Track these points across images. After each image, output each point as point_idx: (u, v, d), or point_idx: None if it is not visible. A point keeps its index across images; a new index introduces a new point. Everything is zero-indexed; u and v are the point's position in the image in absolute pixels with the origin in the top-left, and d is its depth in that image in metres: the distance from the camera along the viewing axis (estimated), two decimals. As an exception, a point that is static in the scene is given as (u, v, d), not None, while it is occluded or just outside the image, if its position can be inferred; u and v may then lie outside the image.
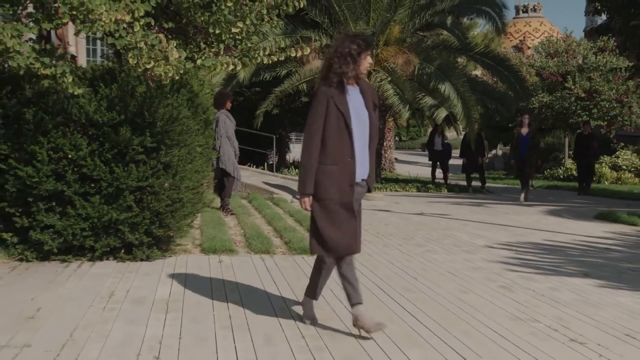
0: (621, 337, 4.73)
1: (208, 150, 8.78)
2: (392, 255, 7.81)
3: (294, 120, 27.01)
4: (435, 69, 18.79)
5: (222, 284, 5.94)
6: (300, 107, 25.15)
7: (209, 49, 6.58)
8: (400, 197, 16.73)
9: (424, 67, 19.06)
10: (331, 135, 4.41)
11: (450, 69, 19.01)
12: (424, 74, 19.21)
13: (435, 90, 19.19)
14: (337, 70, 4.46)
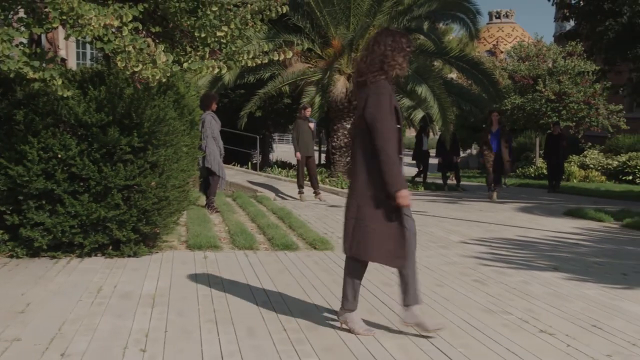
0: (588, 327, 4.76)
1: (194, 150, 8.74)
2: (371, 251, 7.82)
3: (277, 121, 26.97)
4: (412, 71, 18.82)
5: (207, 279, 5.91)
6: (282, 108, 25.13)
7: (195, 53, 6.55)
8: (379, 195, 16.74)
9: (402, 70, 19.09)
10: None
11: (427, 72, 19.06)
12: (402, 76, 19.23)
13: (413, 92, 19.25)
14: (396, 65, 4.19)
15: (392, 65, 4.19)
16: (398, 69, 4.21)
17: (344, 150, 20.11)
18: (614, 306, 5.45)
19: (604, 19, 17.53)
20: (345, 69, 19.56)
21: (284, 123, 27.57)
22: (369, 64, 4.19)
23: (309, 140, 14.34)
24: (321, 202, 14.08)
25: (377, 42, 4.22)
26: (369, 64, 4.19)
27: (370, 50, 4.21)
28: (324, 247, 7.77)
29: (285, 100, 24.33)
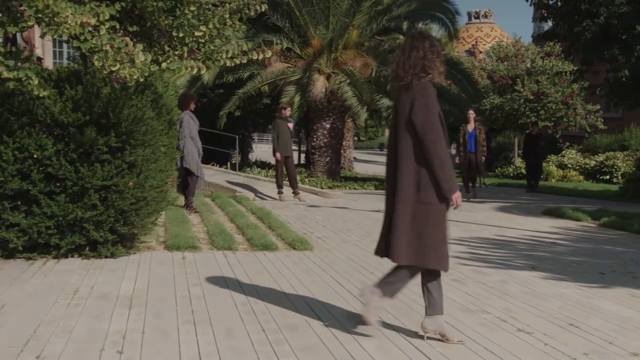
0: (565, 326, 4.80)
1: (172, 150, 8.71)
2: (351, 251, 7.84)
3: (256, 121, 26.92)
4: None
5: (185, 280, 5.89)
6: (262, 108, 25.10)
7: (173, 52, 6.53)
8: (359, 195, 16.79)
9: (381, 70, 19.16)
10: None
11: (406, 72, 19.10)
12: (381, 76, 19.31)
13: (392, 93, 19.28)
14: (435, 68, 4.19)
15: (432, 68, 4.20)
16: (437, 72, 4.23)
17: (323, 150, 20.13)
18: (591, 305, 5.51)
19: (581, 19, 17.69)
20: (324, 69, 19.58)
21: (263, 123, 27.54)
22: (409, 67, 4.18)
23: (288, 140, 14.34)
24: (300, 202, 14.08)
25: (415, 47, 4.24)
26: (408, 68, 4.18)
27: (407, 56, 4.22)
28: (303, 247, 7.78)
29: (265, 100, 24.30)
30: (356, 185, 19.57)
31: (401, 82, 4.19)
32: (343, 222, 10.59)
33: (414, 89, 4.12)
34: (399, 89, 4.21)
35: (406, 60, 4.20)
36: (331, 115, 20.17)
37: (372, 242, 8.56)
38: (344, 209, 12.89)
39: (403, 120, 4.12)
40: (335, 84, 19.16)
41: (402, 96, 4.17)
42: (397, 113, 4.20)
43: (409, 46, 4.25)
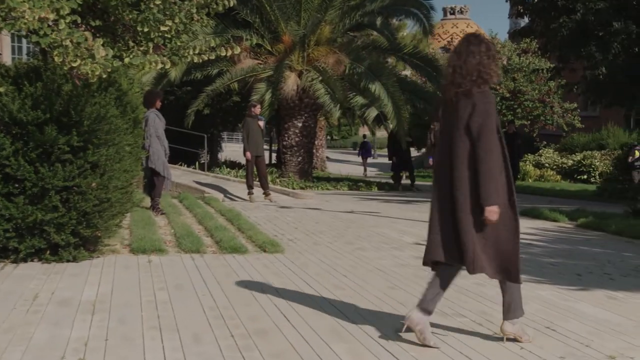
0: (542, 329, 4.85)
1: (137, 149, 8.64)
2: (323, 253, 7.84)
3: (226, 120, 26.82)
4: (365, 68, 18.94)
5: (151, 284, 5.85)
6: (231, 106, 25.01)
7: (138, 48, 6.48)
8: (331, 196, 16.81)
9: (355, 67, 19.21)
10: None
11: (380, 69, 19.19)
12: (354, 73, 19.36)
13: (366, 90, 19.37)
14: (492, 73, 4.29)
15: (489, 74, 4.28)
16: (495, 77, 4.32)
17: (295, 149, 20.13)
18: (568, 307, 5.56)
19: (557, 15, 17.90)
20: (296, 66, 19.58)
21: (233, 121, 27.43)
22: (466, 74, 4.26)
23: (258, 139, 14.32)
24: (271, 203, 14.06)
25: (472, 52, 4.30)
26: (465, 74, 4.26)
27: (463, 61, 4.29)
28: (274, 249, 7.76)
29: (234, 98, 24.23)
30: (329, 185, 19.60)
31: (459, 89, 4.26)
32: (315, 224, 10.59)
33: (475, 97, 4.21)
34: (456, 94, 4.27)
35: (463, 66, 4.28)
36: (303, 114, 20.18)
37: (345, 243, 8.59)
38: (316, 210, 12.89)
39: (462, 125, 4.22)
40: (307, 81, 19.17)
41: (461, 102, 4.25)
42: (455, 118, 4.27)
43: (466, 51, 4.33)
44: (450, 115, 4.31)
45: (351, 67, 19.32)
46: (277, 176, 19.57)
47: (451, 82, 4.31)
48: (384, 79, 18.76)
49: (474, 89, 4.22)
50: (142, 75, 16.00)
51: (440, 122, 4.42)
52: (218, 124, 26.99)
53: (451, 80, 4.31)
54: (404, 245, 8.64)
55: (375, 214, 12.45)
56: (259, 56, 20.07)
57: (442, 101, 4.42)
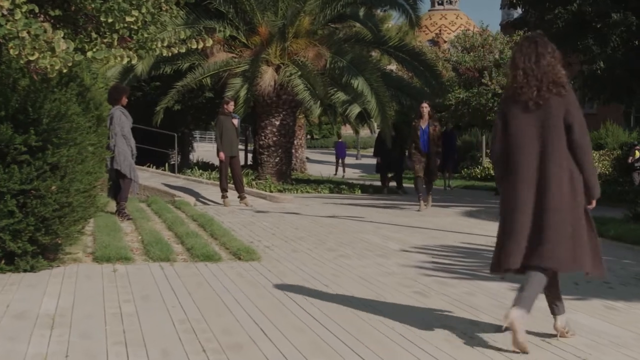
0: (537, 342, 4.86)
1: (101, 149, 8.60)
2: (302, 261, 7.83)
3: (198, 117, 26.77)
4: (347, 63, 18.97)
5: (116, 296, 5.81)
6: (204, 103, 24.96)
7: (101, 40, 6.44)
8: (312, 199, 16.81)
9: (336, 61, 19.24)
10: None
11: (363, 63, 19.24)
12: (336, 68, 19.38)
13: (348, 86, 19.40)
14: (561, 75, 4.75)
15: (562, 75, 4.76)
16: (565, 77, 4.77)
17: (272, 149, 20.12)
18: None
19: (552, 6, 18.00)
20: (273, 60, 19.57)
21: (206, 119, 27.39)
22: (541, 76, 4.71)
23: (233, 139, 14.29)
24: (247, 207, 14.04)
25: (542, 54, 4.76)
26: (542, 77, 4.71)
27: (534, 63, 4.75)
28: (249, 257, 7.75)
29: (207, 94, 24.18)
30: (309, 188, 19.60)
31: (541, 91, 4.69)
32: (294, 229, 10.59)
33: (564, 97, 4.68)
34: (540, 96, 4.69)
35: (535, 68, 4.74)
36: (281, 111, 20.17)
37: (326, 250, 8.60)
38: (295, 214, 12.89)
39: (556, 124, 4.65)
40: (285, 76, 19.17)
41: (551, 101, 4.67)
42: (543, 118, 4.68)
43: (535, 52, 4.78)
44: (532, 116, 4.72)
45: (332, 61, 19.34)
46: (253, 178, 19.55)
47: (526, 85, 4.74)
48: (368, 74, 18.80)
49: (559, 90, 4.69)
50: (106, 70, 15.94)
51: (514, 125, 4.77)
52: (189, 122, 26.92)
53: (526, 83, 4.74)
54: (389, 253, 8.66)
55: (359, 218, 12.47)
56: (233, 49, 20.04)
57: (510, 103, 4.81)
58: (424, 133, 14.04)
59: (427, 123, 14.10)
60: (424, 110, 14.20)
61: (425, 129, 14.07)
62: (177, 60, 19.44)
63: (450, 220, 12.57)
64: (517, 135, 4.74)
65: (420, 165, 14.04)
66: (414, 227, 11.35)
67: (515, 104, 4.77)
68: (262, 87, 19.13)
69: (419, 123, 14.18)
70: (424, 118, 14.13)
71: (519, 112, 4.75)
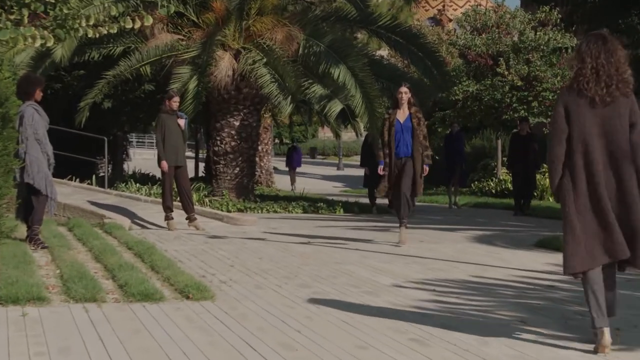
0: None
1: (8, 157, 8.53)
2: (268, 300, 7.80)
3: (134, 116, 26.65)
4: (326, 47, 19.01)
5: (25, 348, 5.76)
6: (142, 98, 24.88)
7: (7, 16, 6.40)
8: (281, 221, 16.78)
9: (312, 45, 19.28)
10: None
11: (346, 48, 19.28)
12: (311, 54, 19.42)
13: (327, 77, 19.45)
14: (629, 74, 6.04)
15: (628, 76, 6.02)
16: (631, 78, 6.02)
17: (230, 157, 20.10)
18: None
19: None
20: (231, 43, 19.60)
21: (145, 119, 27.30)
22: (613, 73, 5.95)
23: (179, 144, 14.25)
24: (198, 231, 14.00)
25: (612, 51, 6.00)
26: (612, 74, 5.95)
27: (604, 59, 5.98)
28: (200, 295, 7.71)
29: (147, 87, 24.13)
30: (277, 207, 19.59)
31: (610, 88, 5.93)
32: (258, 260, 10.56)
33: (631, 97, 5.97)
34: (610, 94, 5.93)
35: (605, 65, 5.96)
36: (242, 109, 20.18)
37: (299, 286, 8.58)
38: (260, 240, 12.86)
39: (624, 123, 5.95)
40: (247, 64, 19.18)
41: (619, 100, 5.95)
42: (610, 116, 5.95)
43: (605, 48, 6.00)
44: (598, 113, 5.93)
45: (307, 45, 19.38)
46: (206, 194, 19.50)
47: (595, 80, 5.92)
48: (351, 62, 18.83)
49: (627, 89, 5.96)
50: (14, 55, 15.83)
51: (581, 124, 5.93)
52: (123, 122, 26.82)
53: (593, 78, 5.93)
54: (379, 289, 8.65)
55: (341, 245, 12.45)
56: (180, 29, 20.04)
57: (576, 97, 5.97)
58: (404, 130, 12.44)
59: (407, 115, 12.50)
60: (402, 98, 12.53)
61: (406, 124, 12.46)
62: (108, 44, 19.39)
63: (457, 248, 12.59)
64: (586, 133, 5.89)
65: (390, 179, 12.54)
66: (411, 257, 11.35)
67: (581, 99, 5.93)
68: (218, 78, 19.11)
69: (395, 115, 12.56)
70: (403, 109, 12.56)
71: (586, 108, 5.93)
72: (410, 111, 12.56)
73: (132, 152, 33.20)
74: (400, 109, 12.60)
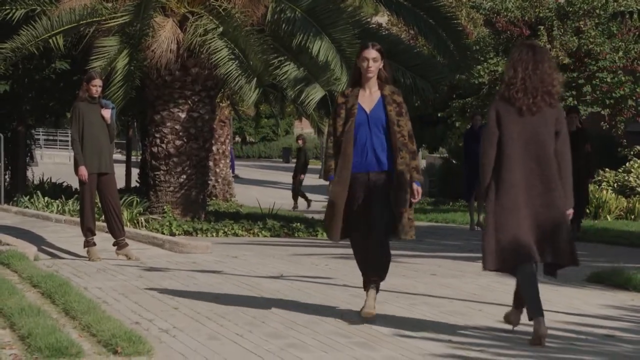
0: None
1: None
2: (225, 356, 7.83)
3: (42, 105, 26.58)
4: (303, 13, 19.05)
5: None
6: (53, 79, 24.84)
7: None
8: (243, 247, 16.81)
9: (284, 10, 19.34)
10: None
11: (330, 14, 19.32)
12: (283, 21, 19.49)
13: (304, 52, 19.46)
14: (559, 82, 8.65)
15: (554, 87, 8.43)
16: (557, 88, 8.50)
17: (174, 161, 20.11)
18: None
19: None
20: (175, 6, 19.61)
21: (57, 109, 27.26)
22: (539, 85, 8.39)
23: (102, 143, 14.24)
24: (130, 261, 13.98)
25: (540, 61, 8.45)
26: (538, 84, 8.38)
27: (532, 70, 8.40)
28: (133, 349, 7.70)
29: (59, 65, 24.10)
30: (238, 228, 19.59)
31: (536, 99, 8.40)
32: (211, 301, 10.56)
33: (555, 108, 8.52)
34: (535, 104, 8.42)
35: (533, 75, 8.42)
36: (190, 95, 20.20)
37: (268, 336, 8.65)
38: (215, 274, 12.88)
39: (550, 131, 8.46)
40: (196, 34, 19.20)
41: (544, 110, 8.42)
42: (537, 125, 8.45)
43: (533, 60, 8.42)
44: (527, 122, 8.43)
45: (277, 9, 19.44)
46: (142, 211, 19.49)
47: (522, 90, 8.38)
48: (337, 33, 18.89)
49: (550, 101, 8.39)
50: None
51: (510, 132, 8.43)
52: (26, 113, 26.76)
53: (522, 88, 8.39)
54: (376, 339, 8.68)
55: (324, 280, 12.47)
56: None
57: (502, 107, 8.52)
58: (371, 124, 9.73)
59: (377, 99, 9.80)
60: (369, 68, 9.76)
61: (375, 114, 9.74)
62: (3, 5, 19.37)
63: (481, 284, 12.59)
64: (514, 139, 8.37)
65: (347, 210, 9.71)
66: (419, 296, 11.37)
67: (511, 106, 8.43)
68: (157, 54, 19.10)
69: (356, 99, 9.81)
70: (369, 88, 9.86)
71: (515, 116, 8.43)
72: (383, 92, 9.80)
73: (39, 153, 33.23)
74: (365, 88, 9.82)
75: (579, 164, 19.32)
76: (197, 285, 11.77)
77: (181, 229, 18.72)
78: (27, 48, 19.44)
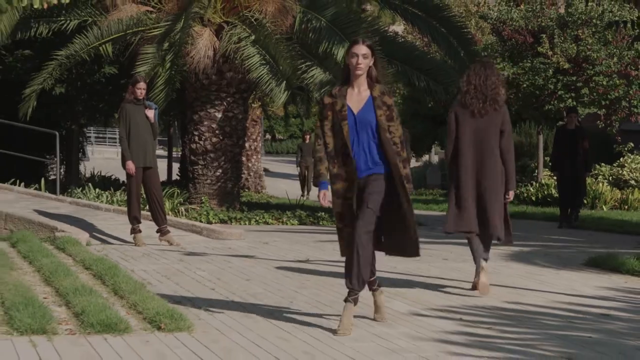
0: None
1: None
2: (258, 332, 7.81)
3: (93, 107, 26.61)
4: (327, 22, 19.01)
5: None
6: (103, 83, 24.84)
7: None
8: (273, 234, 16.78)
9: (310, 20, 19.30)
10: None
11: (352, 23, 19.29)
12: (309, 30, 19.44)
13: (329, 58, 19.41)
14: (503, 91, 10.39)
15: (499, 96, 10.03)
16: (502, 97, 10.08)
17: (211, 157, 20.10)
18: None
19: None
20: (212, 16, 19.60)
21: (106, 109, 27.27)
22: (487, 91, 9.93)
23: (147, 140, 14.24)
24: (172, 246, 13.99)
25: (490, 75, 10.03)
26: (487, 93, 9.93)
27: (482, 80, 9.95)
28: (175, 326, 7.70)
29: (107, 70, 24.09)
30: (268, 217, 19.60)
31: (485, 104, 9.94)
32: (245, 282, 10.57)
33: (503, 109, 10.06)
34: (484, 108, 9.95)
35: (483, 85, 9.94)
36: (225, 97, 20.19)
37: (296, 314, 8.59)
38: (248, 258, 12.87)
39: (496, 131, 10.00)
40: (231, 42, 19.18)
41: (490, 113, 9.96)
42: (486, 125, 10.01)
43: (485, 73, 10.02)
44: (477, 122, 9.99)
45: (304, 19, 19.38)
46: (182, 202, 19.51)
47: (475, 97, 9.92)
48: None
49: (495, 106, 9.94)
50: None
51: (464, 129, 10.04)
52: (79, 114, 26.80)
53: (474, 96, 9.93)
54: (395, 318, 8.65)
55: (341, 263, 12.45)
56: (148, 0, 20.03)
57: (459, 110, 10.09)
58: (359, 126, 8.34)
59: (365, 99, 8.37)
60: (358, 66, 8.26)
61: (363, 115, 8.33)
62: (59, 17, 19.38)
63: (490, 267, 12.57)
64: (468, 136, 9.98)
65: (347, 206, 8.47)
66: (433, 278, 11.35)
67: (465, 110, 9.99)
68: (195, 60, 19.10)
69: (344, 99, 8.37)
70: (358, 87, 8.40)
71: (468, 118, 9.99)
72: (373, 93, 8.34)
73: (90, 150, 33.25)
74: (354, 87, 8.38)
75: (577, 159, 19.34)
76: (231, 269, 11.78)
77: (217, 217, 18.73)
78: (79, 55, 19.46)
